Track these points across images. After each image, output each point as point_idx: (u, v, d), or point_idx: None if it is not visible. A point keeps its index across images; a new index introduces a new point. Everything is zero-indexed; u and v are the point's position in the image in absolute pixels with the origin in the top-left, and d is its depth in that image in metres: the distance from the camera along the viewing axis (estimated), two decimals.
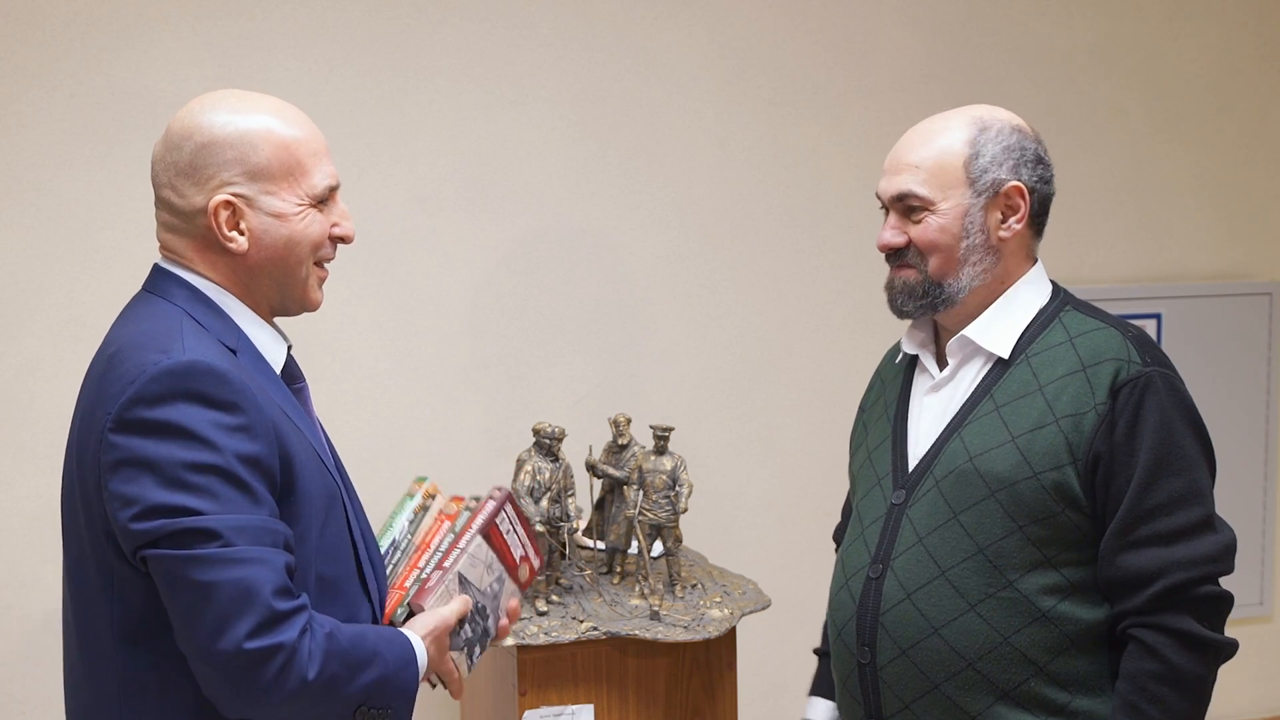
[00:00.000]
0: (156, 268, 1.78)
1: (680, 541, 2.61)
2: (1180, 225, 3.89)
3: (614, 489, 2.64)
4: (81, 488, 1.65)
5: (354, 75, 3.16)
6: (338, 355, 3.13)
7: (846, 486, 2.29)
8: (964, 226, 1.96)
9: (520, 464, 2.51)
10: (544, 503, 2.45)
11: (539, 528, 2.43)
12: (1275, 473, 3.97)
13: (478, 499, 2.05)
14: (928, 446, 2.01)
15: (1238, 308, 3.90)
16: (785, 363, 3.58)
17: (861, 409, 2.25)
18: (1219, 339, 3.88)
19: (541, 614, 2.44)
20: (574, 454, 2.60)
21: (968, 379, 2.01)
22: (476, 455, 3.25)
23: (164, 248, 1.77)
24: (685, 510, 2.57)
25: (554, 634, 2.39)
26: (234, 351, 1.68)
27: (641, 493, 2.56)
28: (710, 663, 2.52)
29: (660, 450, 2.58)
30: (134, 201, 3.08)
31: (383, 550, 1.89)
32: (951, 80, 3.65)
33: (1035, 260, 2.05)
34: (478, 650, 1.91)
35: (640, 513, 2.55)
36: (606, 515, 2.65)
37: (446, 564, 1.89)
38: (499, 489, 2.00)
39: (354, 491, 1.89)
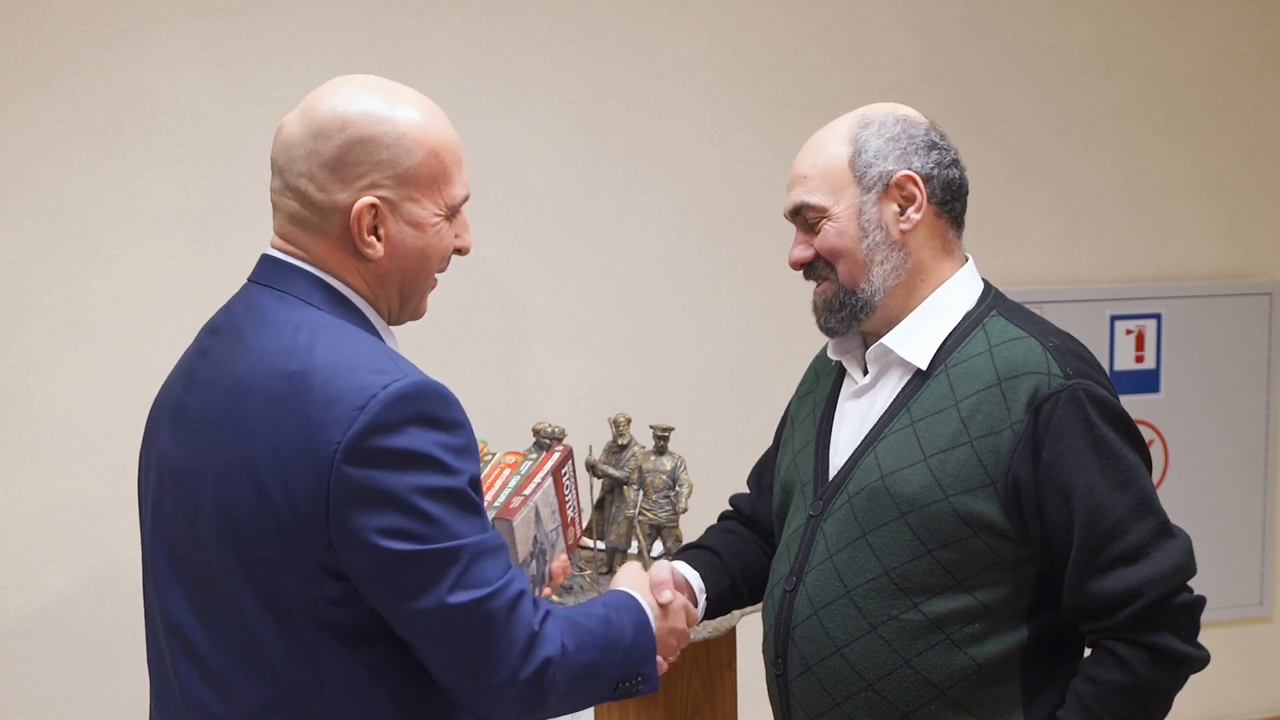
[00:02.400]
0: (274, 261, 1.63)
1: (680, 541, 2.61)
2: (1180, 225, 3.88)
3: (614, 489, 2.64)
4: (261, 506, 1.51)
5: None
6: None
7: None
8: (861, 226, 1.89)
9: None
10: None
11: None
12: (1275, 473, 3.97)
13: (534, 455, 2.04)
14: (845, 458, 1.95)
15: (1238, 308, 3.90)
16: (785, 363, 3.56)
17: (796, 394, 2.18)
18: (1219, 339, 3.88)
19: None
20: (574, 454, 2.60)
21: (888, 388, 1.94)
22: None
23: (285, 240, 1.62)
24: (685, 510, 2.57)
25: None
26: None
27: (641, 493, 2.56)
28: (710, 663, 2.52)
29: (660, 450, 2.57)
30: (134, 201, 3.08)
31: None
32: (951, 80, 3.65)
33: (965, 259, 1.96)
34: (535, 591, 1.91)
35: (640, 513, 2.55)
36: (606, 515, 2.65)
37: (527, 492, 1.87)
38: (562, 445, 2.00)
39: None
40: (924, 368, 1.89)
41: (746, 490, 2.36)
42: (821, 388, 2.09)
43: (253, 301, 1.62)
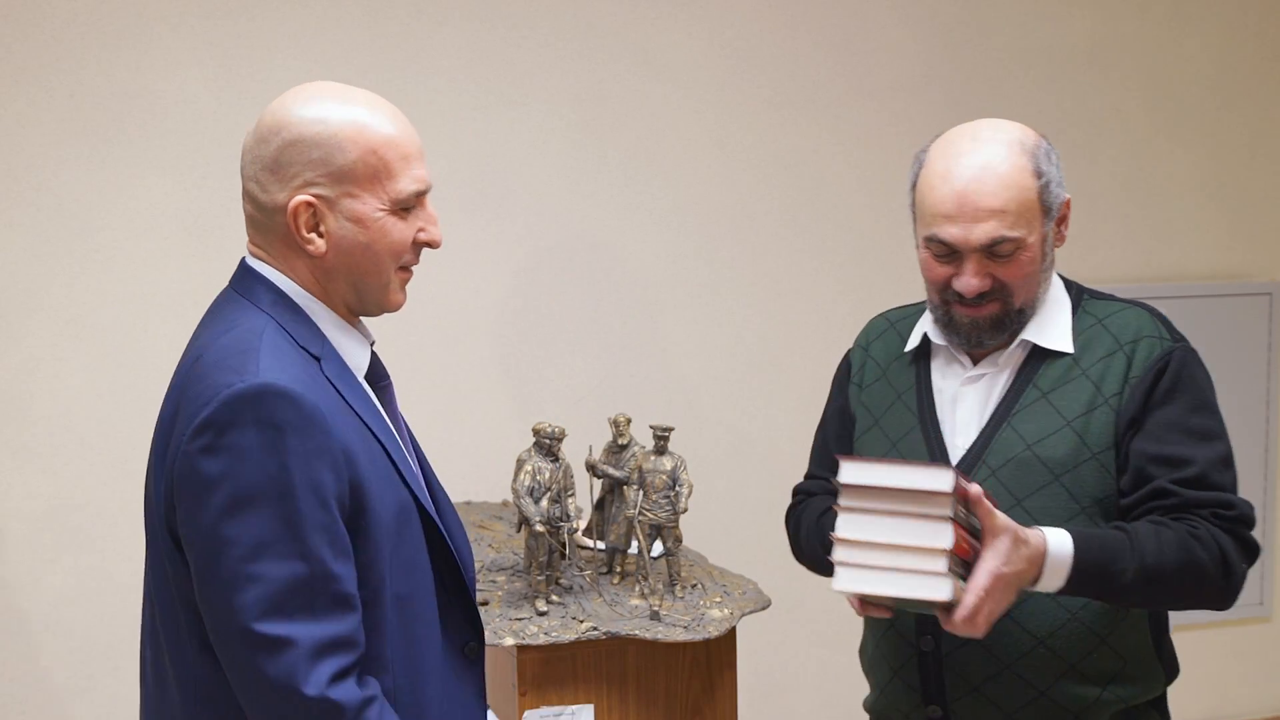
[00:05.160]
0: (244, 265, 1.72)
1: (680, 541, 2.61)
2: (1180, 225, 3.88)
3: (614, 489, 2.64)
4: (158, 495, 1.62)
5: (354, 75, 3.15)
6: None
7: None
8: (1043, 252, 2.02)
9: (520, 464, 2.50)
10: (544, 503, 2.45)
11: (539, 527, 2.43)
12: (1275, 473, 3.97)
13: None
14: (972, 438, 2.03)
15: (1238, 308, 3.90)
16: (785, 363, 3.57)
17: (856, 384, 2.23)
18: (1219, 339, 3.88)
19: (541, 614, 2.44)
20: (574, 454, 2.60)
21: (1007, 370, 2.05)
22: (476, 455, 3.24)
23: (250, 242, 1.72)
24: (685, 510, 2.57)
25: (554, 634, 2.39)
26: (318, 359, 1.65)
27: (641, 493, 2.56)
28: (710, 663, 2.52)
29: (660, 450, 2.57)
30: (134, 202, 3.08)
31: None
32: (951, 80, 3.65)
33: None
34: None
35: (640, 513, 2.55)
36: (606, 515, 2.65)
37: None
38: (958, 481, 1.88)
39: (440, 494, 1.83)
40: (1071, 351, 2.03)
41: (805, 480, 2.35)
42: (900, 378, 2.15)
43: (218, 305, 1.71)
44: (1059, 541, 1.86)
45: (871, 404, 2.18)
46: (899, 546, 1.81)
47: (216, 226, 3.10)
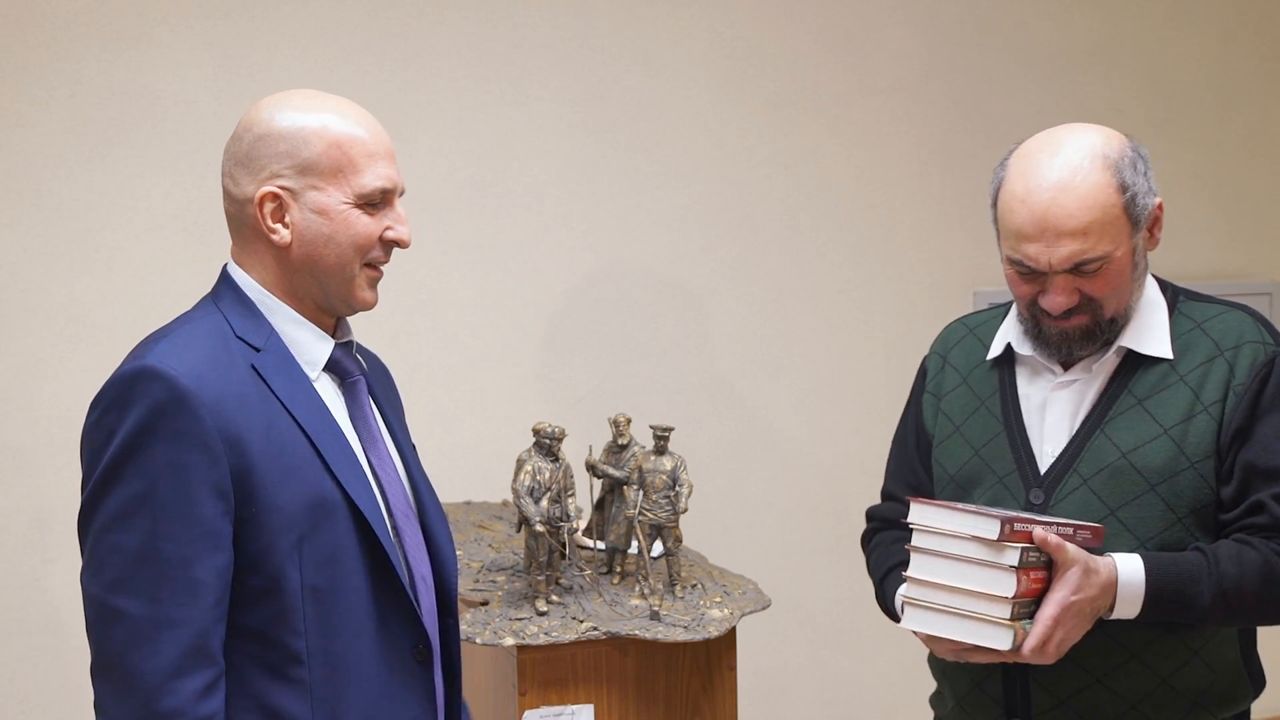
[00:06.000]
0: (224, 268, 1.81)
1: (680, 541, 2.61)
2: (1180, 225, 3.88)
3: (614, 489, 2.64)
4: None
5: (354, 75, 3.17)
6: None
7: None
8: (1134, 262, 1.96)
9: (520, 464, 2.50)
10: (544, 503, 2.45)
11: (539, 527, 2.43)
12: None
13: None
14: (1063, 444, 2.00)
15: None
16: (785, 363, 3.58)
17: (931, 393, 2.19)
18: None
19: (541, 614, 2.44)
20: (574, 454, 2.60)
21: (1101, 376, 2.00)
22: (476, 455, 3.25)
23: (232, 241, 1.80)
24: (685, 510, 2.57)
25: (554, 634, 2.39)
26: (257, 349, 1.70)
27: (641, 493, 2.56)
28: (710, 663, 2.52)
29: (660, 450, 2.57)
30: (134, 201, 3.08)
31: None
32: (951, 80, 3.65)
33: None
34: None
35: (640, 513, 2.55)
36: (606, 515, 2.65)
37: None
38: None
39: (426, 494, 1.84)
40: (1171, 357, 1.98)
41: (880, 503, 2.31)
42: (982, 384, 2.12)
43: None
44: (1130, 568, 1.86)
45: (952, 411, 2.14)
46: (964, 591, 1.82)
47: (216, 226, 3.07)
